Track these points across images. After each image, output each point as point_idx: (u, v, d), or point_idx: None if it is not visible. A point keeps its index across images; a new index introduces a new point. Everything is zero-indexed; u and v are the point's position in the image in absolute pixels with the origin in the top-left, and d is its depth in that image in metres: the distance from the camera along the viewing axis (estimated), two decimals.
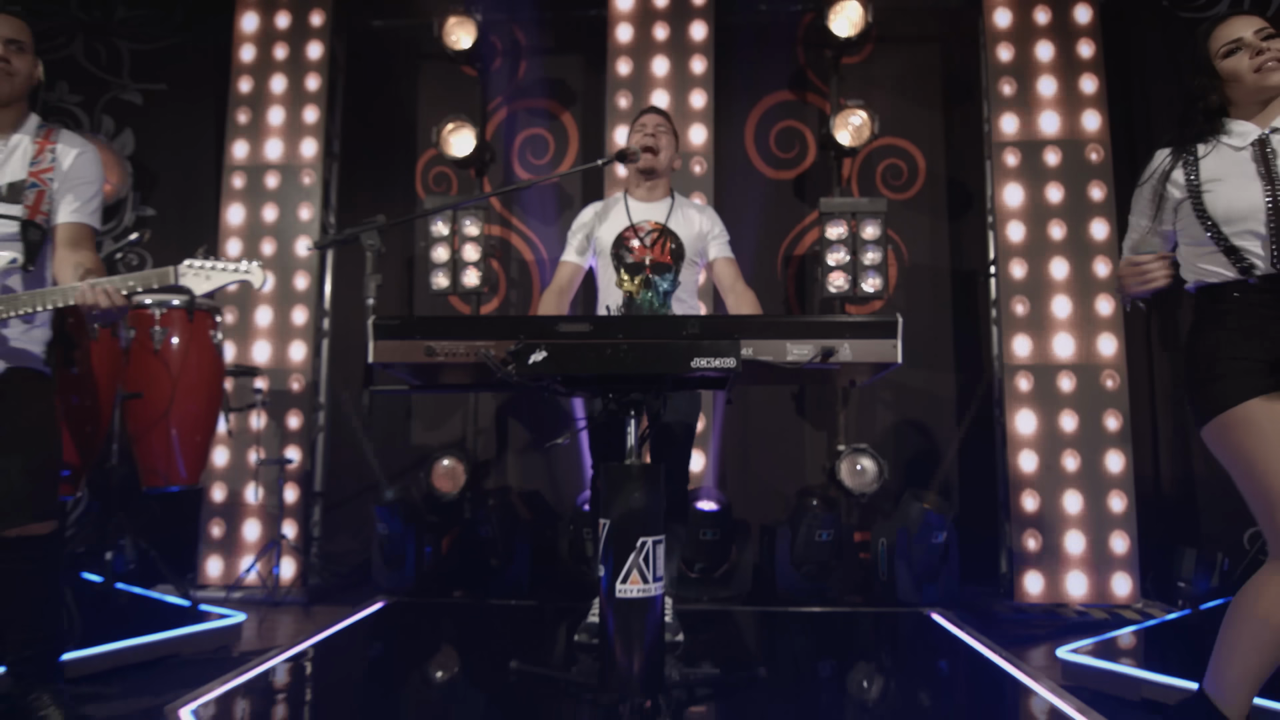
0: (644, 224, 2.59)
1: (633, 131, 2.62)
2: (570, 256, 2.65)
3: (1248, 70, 1.69)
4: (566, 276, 2.62)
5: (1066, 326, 3.62)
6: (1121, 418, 3.55)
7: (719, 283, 2.62)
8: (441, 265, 3.90)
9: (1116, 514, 3.51)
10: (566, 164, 4.54)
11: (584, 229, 2.64)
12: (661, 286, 2.55)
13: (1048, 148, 3.73)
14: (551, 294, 2.57)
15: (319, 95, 4.10)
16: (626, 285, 2.56)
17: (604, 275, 2.62)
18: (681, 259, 2.58)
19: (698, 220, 2.62)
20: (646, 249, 2.56)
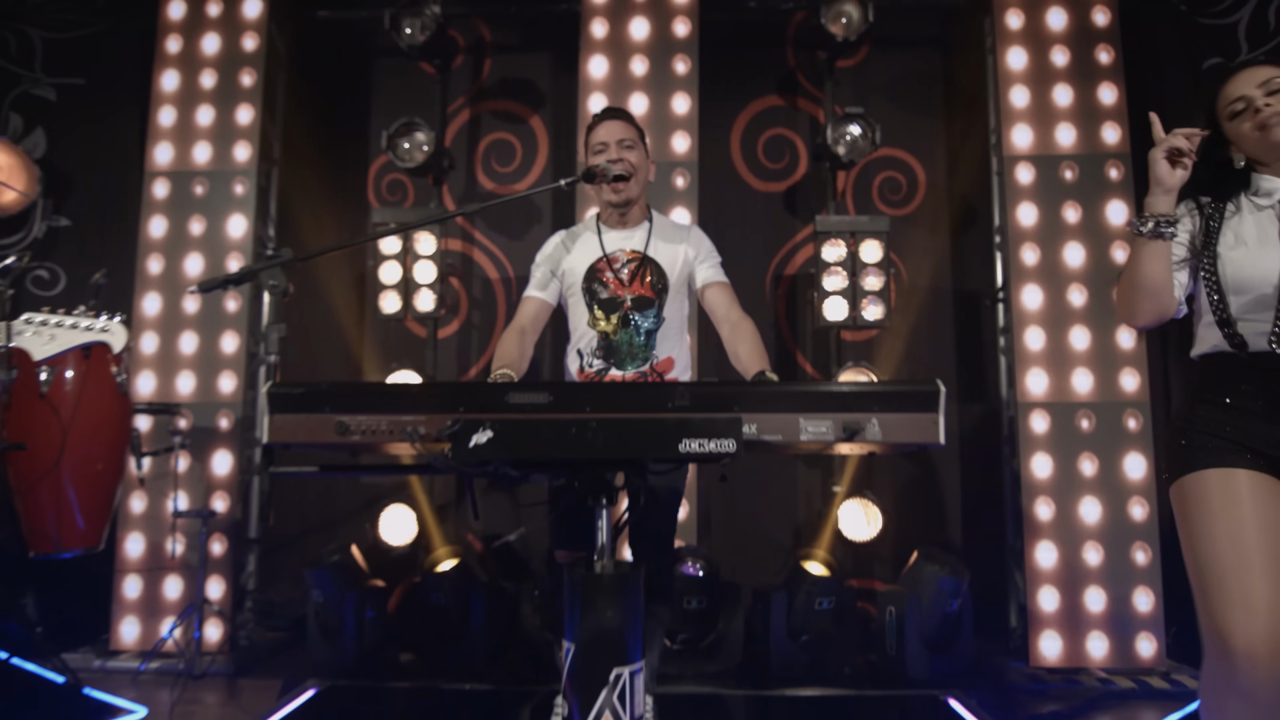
0: (619, 254, 2.18)
1: (590, 149, 2.20)
2: (533, 292, 2.23)
3: (1250, 133, 1.61)
4: (530, 314, 2.21)
5: (1086, 360, 3.29)
6: (1145, 462, 3.23)
7: (712, 312, 2.22)
8: (392, 286, 3.46)
9: (1140, 567, 3.18)
10: (535, 173, 4.13)
11: (549, 261, 2.23)
12: (643, 325, 2.15)
13: (1064, 163, 3.40)
14: (512, 334, 2.15)
15: (254, 93, 3.64)
16: (602, 325, 2.16)
17: (575, 314, 2.21)
18: (665, 291, 2.18)
19: (682, 244, 2.23)
20: (623, 283, 2.16)
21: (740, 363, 2.04)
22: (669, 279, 2.18)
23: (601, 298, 2.15)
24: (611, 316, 2.14)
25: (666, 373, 2.18)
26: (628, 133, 2.18)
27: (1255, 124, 1.59)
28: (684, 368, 2.24)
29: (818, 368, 3.93)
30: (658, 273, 2.18)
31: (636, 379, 2.15)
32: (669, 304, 2.19)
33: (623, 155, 2.14)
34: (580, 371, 2.19)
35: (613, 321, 2.14)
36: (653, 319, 2.16)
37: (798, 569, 2.82)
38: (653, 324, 2.16)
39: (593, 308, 2.16)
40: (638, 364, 2.15)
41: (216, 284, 1.66)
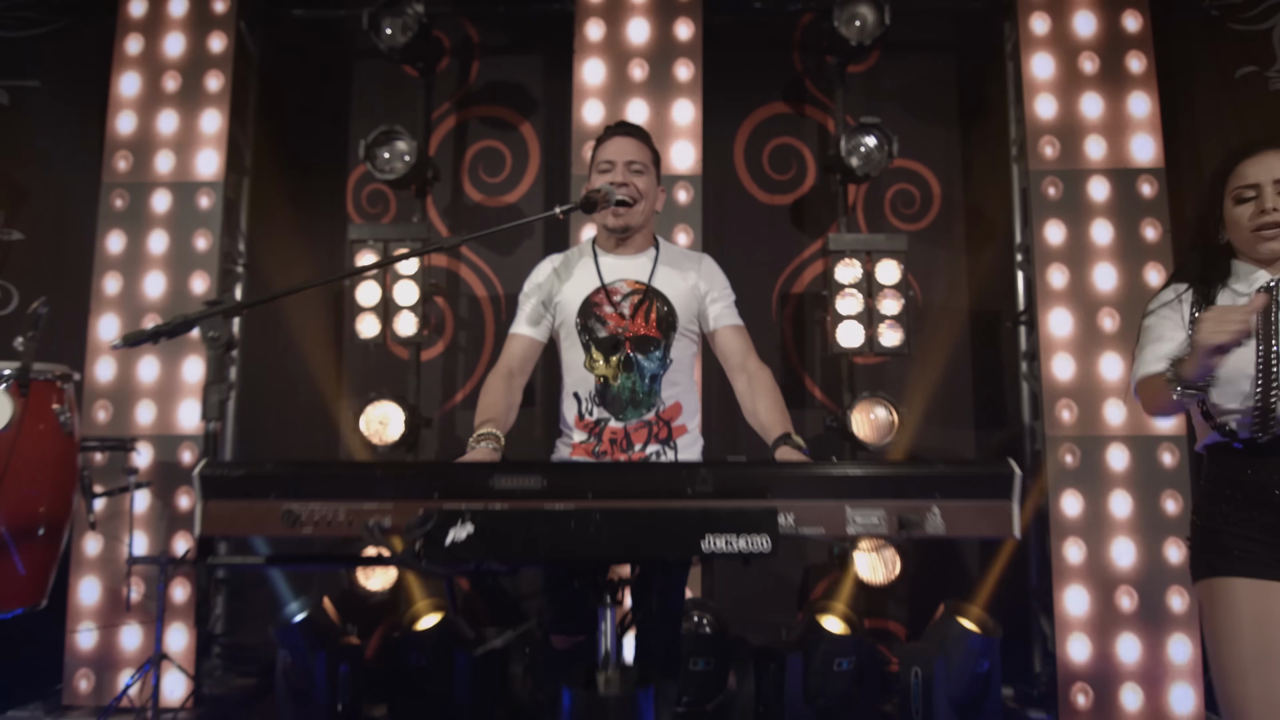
0: (619, 285, 1.93)
1: (595, 166, 1.94)
2: (522, 328, 1.97)
3: (1246, 226, 1.59)
4: (518, 355, 1.95)
5: (1119, 391, 3.06)
6: (1181, 500, 3.01)
7: (725, 359, 1.97)
8: (370, 309, 3.19)
9: (1176, 614, 2.96)
10: (526, 183, 3.87)
11: (539, 292, 1.97)
12: (647, 369, 1.90)
13: (1094, 178, 3.17)
14: (498, 380, 1.89)
15: (221, 97, 3.36)
16: (600, 368, 1.90)
17: (569, 353, 1.96)
18: (673, 329, 1.92)
19: (692, 275, 1.97)
20: (624, 318, 1.90)
21: (759, 421, 1.80)
22: (677, 315, 1.93)
23: (599, 336, 1.90)
24: (611, 358, 1.89)
25: (673, 420, 1.93)
26: (639, 154, 1.92)
27: (1255, 224, 1.57)
28: (692, 414, 1.99)
29: (829, 394, 3.69)
30: (664, 306, 1.92)
31: (639, 430, 1.90)
32: (676, 343, 1.94)
33: (630, 179, 1.88)
34: (579, 419, 1.93)
35: (612, 364, 1.89)
36: (658, 361, 1.91)
37: (814, 625, 2.58)
38: (657, 366, 1.91)
39: (589, 347, 1.90)
40: (640, 413, 1.90)
41: (143, 337, 1.39)
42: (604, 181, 1.89)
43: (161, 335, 1.42)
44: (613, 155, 1.90)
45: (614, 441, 1.89)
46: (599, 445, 1.90)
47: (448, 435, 3.71)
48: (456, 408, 3.74)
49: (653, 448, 1.91)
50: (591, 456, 1.91)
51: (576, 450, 1.93)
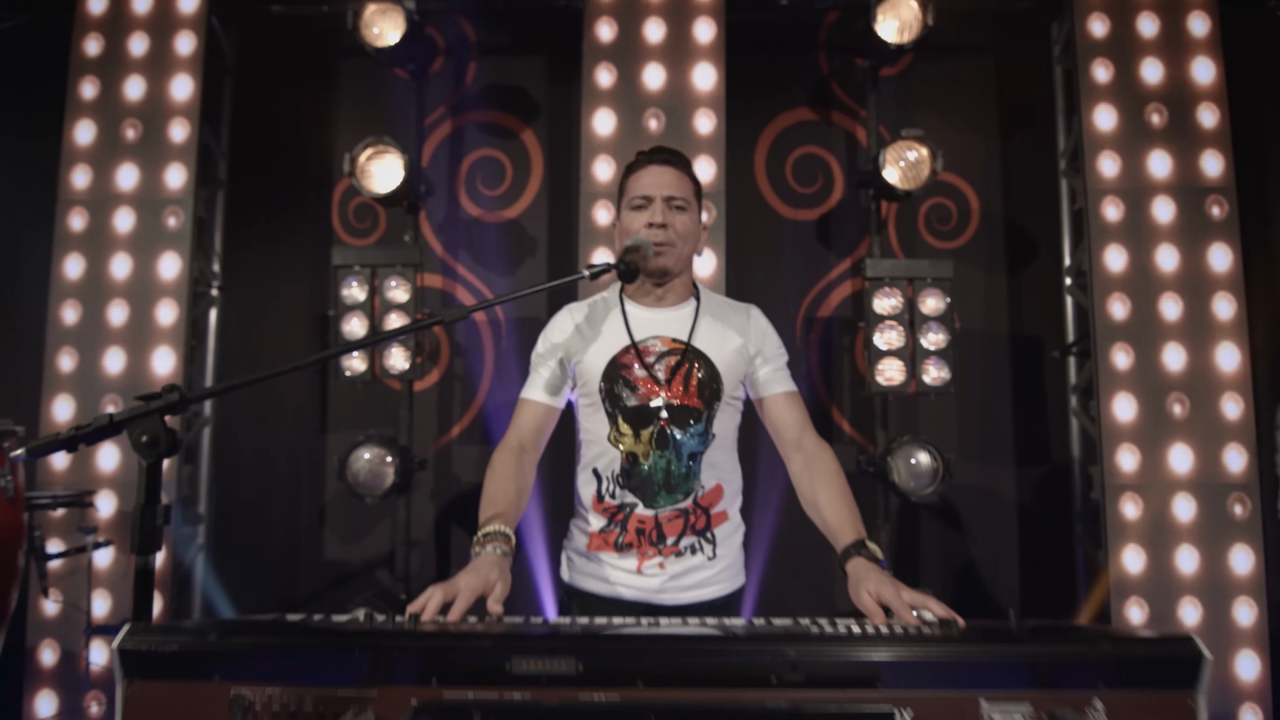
0: (653, 343, 1.62)
1: (626, 201, 1.63)
2: (536, 393, 1.66)
3: None
4: (530, 425, 1.63)
5: (1185, 434, 2.78)
6: (1253, 554, 2.73)
7: (776, 432, 1.66)
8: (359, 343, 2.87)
9: (1249, 682, 2.69)
10: (528, 196, 3.55)
11: (556, 351, 1.66)
12: (685, 446, 1.60)
13: (1158, 198, 2.88)
14: (506, 458, 1.57)
15: (191, 105, 3.03)
16: (628, 443, 1.59)
17: (590, 421, 1.65)
18: (717, 397, 1.62)
19: (739, 331, 1.67)
20: (659, 384, 1.59)
21: (821, 517, 1.49)
22: (722, 380, 1.62)
23: (628, 405, 1.59)
24: (641, 433, 1.58)
25: (713, 507, 1.63)
26: (680, 187, 1.60)
27: None
28: (734, 497, 1.69)
29: (859, 428, 3.40)
30: (707, 370, 1.62)
31: (673, 520, 1.59)
32: (720, 414, 1.63)
33: (669, 219, 1.57)
34: (598, 501, 1.63)
35: (643, 440, 1.58)
36: (698, 437, 1.60)
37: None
38: (698, 443, 1.60)
39: (615, 418, 1.60)
40: (675, 499, 1.59)
41: (53, 445, 1.09)
42: (638, 221, 1.58)
43: (79, 442, 1.11)
44: (648, 189, 1.59)
45: (641, 533, 1.60)
46: (622, 535, 1.60)
47: (443, 474, 3.40)
48: (453, 443, 3.43)
49: (688, 540, 1.61)
50: (614, 550, 1.61)
51: (594, 541, 1.63)
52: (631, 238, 1.55)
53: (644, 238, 1.55)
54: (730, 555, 1.67)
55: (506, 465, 1.55)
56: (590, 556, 1.63)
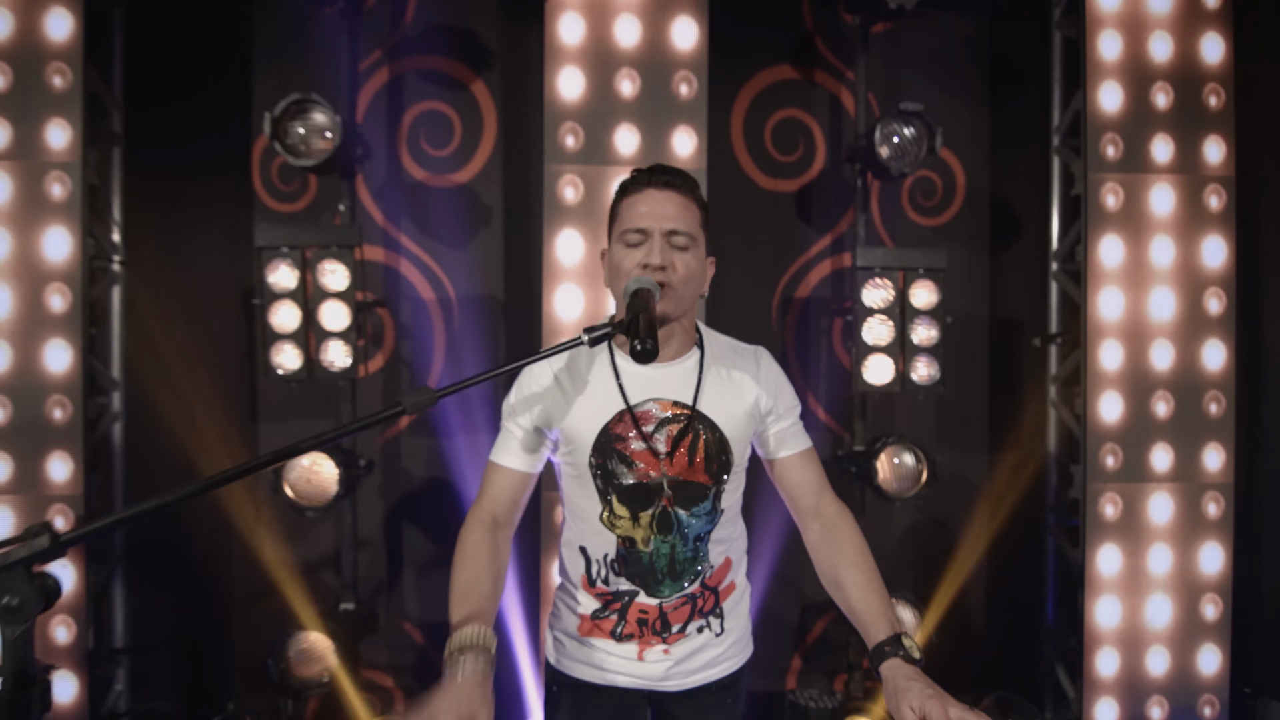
0: (651, 407, 1.37)
1: (619, 234, 1.34)
2: (510, 458, 1.40)
3: None
4: (505, 496, 1.38)
5: (1167, 434, 2.73)
6: (1223, 553, 2.74)
7: (791, 498, 1.45)
8: (288, 336, 2.53)
9: (1208, 676, 2.74)
10: (481, 158, 3.17)
11: (533, 409, 1.39)
12: (692, 529, 1.37)
13: (1157, 185, 2.73)
14: (478, 535, 1.31)
15: (71, 46, 2.52)
16: (625, 527, 1.37)
17: (578, 495, 1.41)
18: (727, 470, 1.39)
19: (749, 387, 1.43)
20: (659, 457, 1.35)
21: (846, 599, 1.30)
22: (732, 451, 1.39)
23: (624, 483, 1.35)
24: (641, 515, 1.35)
25: (721, 583, 1.44)
26: (685, 219, 1.32)
27: None
28: (740, 561, 1.50)
29: (834, 416, 3.26)
30: (716, 441, 1.38)
31: (680, 608, 1.39)
32: (729, 487, 1.42)
33: (669, 261, 1.30)
34: (589, 585, 1.41)
35: (642, 524, 1.36)
36: (705, 516, 1.38)
37: None
38: (705, 523, 1.39)
39: (609, 497, 1.36)
40: (680, 586, 1.39)
41: None
42: (631, 260, 1.30)
43: None
44: (645, 221, 1.31)
45: (644, 623, 1.39)
46: (621, 625, 1.40)
47: (392, 469, 3.12)
48: (402, 435, 3.14)
49: (695, 624, 1.42)
50: (611, 639, 1.40)
51: (586, 625, 1.42)
52: (632, 280, 1.27)
53: (644, 279, 1.28)
54: (739, 627, 1.49)
55: (479, 548, 1.30)
56: (582, 641, 1.42)
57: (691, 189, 1.36)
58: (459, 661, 1.12)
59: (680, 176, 1.35)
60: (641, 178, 1.34)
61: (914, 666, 1.17)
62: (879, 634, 1.22)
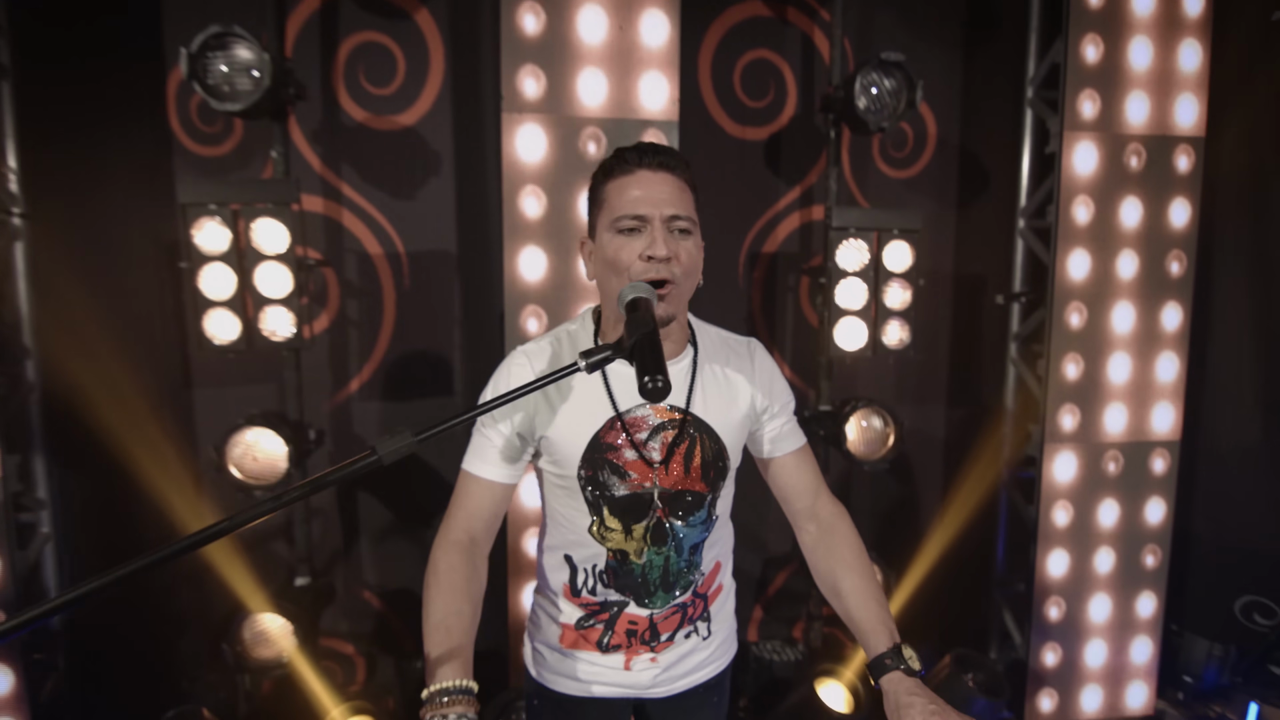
0: (643, 412, 1.27)
1: (609, 221, 1.19)
2: (488, 468, 1.27)
3: None
4: (484, 510, 1.26)
5: (1123, 394, 2.79)
6: (1165, 507, 2.87)
7: (786, 499, 1.40)
8: (223, 303, 2.30)
9: (1144, 618, 2.92)
10: (428, 97, 2.90)
11: (515, 415, 1.26)
12: (687, 538, 1.31)
13: (1131, 145, 2.69)
14: (452, 559, 1.19)
15: None
16: (616, 540, 1.28)
17: (563, 505, 1.31)
18: (723, 476, 1.32)
19: (744, 387, 1.34)
20: (652, 466, 1.26)
21: (844, 606, 1.26)
22: (728, 456, 1.31)
23: (616, 495, 1.26)
24: (634, 528, 1.27)
25: (710, 588, 1.38)
26: (684, 203, 1.19)
27: None
28: (728, 560, 1.45)
29: (800, 374, 3.22)
30: (712, 447, 1.30)
31: (670, 618, 1.34)
32: (725, 492, 1.35)
33: (673, 250, 1.17)
34: (573, 595, 1.34)
35: (635, 536, 1.28)
36: (700, 525, 1.31)
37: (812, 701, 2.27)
38: (700, 532, 1.32)
39: (599, 509, 1.27)
40: (673, 596, 1.33)
41: None
42: (629, 251, 1.17)
43: None
44: (644, 207, 1.17)
45: (633, 634, 1.33)
46: (609, 636, 1.34)
47: (343, 434, 2.96)
48: (352, 399, 2.96)
49: (684, 630, 1.37)
50: (596, 649, 1.34)
51: (569, 635, 1.35)
52: (628, 287, 1.14)
53: (640, 279, 1.14)
54: (725, 627, 1.45)
55: (456, 574, 1.19)
56: (565, 654, 1.36)
57: (685, 169, 1.22)
58: (443, 713, 1.04)
59: (673, 157, 1.20)
60: (631, 157, 1.19)
61: (915, 679, 1.15)
62: (879, 645, 1.19)
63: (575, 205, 2.43)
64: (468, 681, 1.07)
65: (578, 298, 2.44)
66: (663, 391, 0.92)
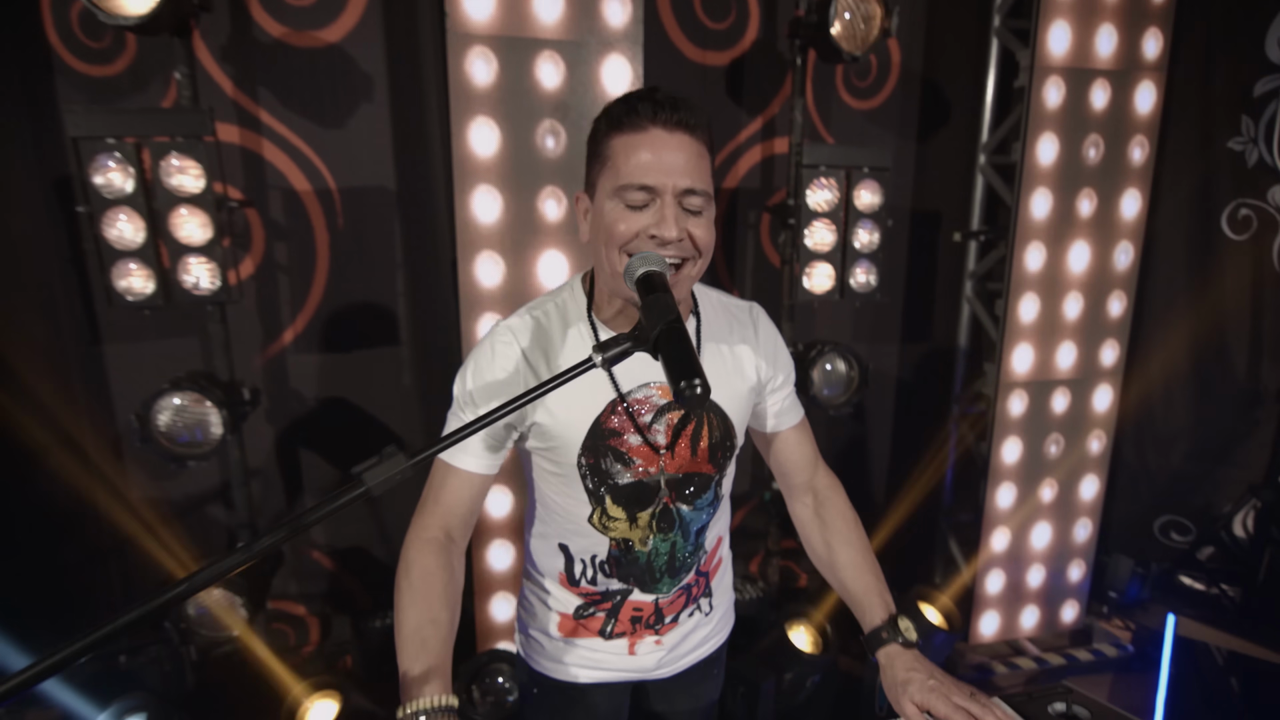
0: (647, 393, 1.16)
1: (611, 181, 1.03)
2: (467, 460, 1.13)
3: None
4: (462, 504, 1.14)
5: (1074, 333, 2.85)
6: (1104, 440, 3.00)
7: (785, 473, 1.34)
8: (131, 253, 2.02)
9: (1080, 543, 3.09)
10: (353, 10, 2.57)
11: (498, 395, 1.12)
12: (695, 522, 1.23)
13: (1097, 81, 2.64)
14: (430, 561, 1.08)
15: None
16: (620, 529, 1.19)
17: (559, 494, 1.20)
18: (730, 455, 1.23)
19: (748, 358, 1.24)
20: (658, 451, 1.17)
21: (839, 579, 1.25)
22: (736, 436, 1.23)
23: (620, 483, 1.16)
24: (639, 516, 1.18)
25: (711, 564, 1.32)
26: (700, 172, 1.03)
27: None
28: (726, 538, 1.39)
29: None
30: (720, 427, 1.21)
31: (675, 600, 1.27)
32: (730, 472, 1.27)
33: (685, 228, 1.03)
34: (571, 584, 1.25)
35: (641, 524, 1.19)
36: (707, 507, 1.24)
37: (785, 644, 2.30)
38: (708, 514, 1.24)
39: (601, 498, 1.17)
40: (679, 580, 1.26)
41: None
42: (635, 225, 1.02)
43: None
44: (654, 178, 1.01)
45: (637, 620, 1.27)
46: (612, 624, 1.26)
47: (279, 388, 2.74)
48: (287, 352, 2.73)
49: (688, 610, 1.31)
50: (599, 637, 1.27)
51: (568, 624, 1.27)
52: (636, 259, 1.00)
53: (650, 255, 1.01)
54: (725, 600, 1.41)
55: (431, 578, 1.07)
56: (564, 642, 1.28)
57: (706, 129, 1.06)
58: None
59: (694, 113, 1.04)
60: (644, 110, 1.02)
61: (912, 651, 1.14)
62: (874, 618, 1.19)
63: (534, 139, 2.22)
64: (447, 699, 0.98)
65: (539, 242, 2.27)
66: (702, 399, 0.81)
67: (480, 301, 2.26)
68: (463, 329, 2.28)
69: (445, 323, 2.75)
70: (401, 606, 1.06)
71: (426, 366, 2.83)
